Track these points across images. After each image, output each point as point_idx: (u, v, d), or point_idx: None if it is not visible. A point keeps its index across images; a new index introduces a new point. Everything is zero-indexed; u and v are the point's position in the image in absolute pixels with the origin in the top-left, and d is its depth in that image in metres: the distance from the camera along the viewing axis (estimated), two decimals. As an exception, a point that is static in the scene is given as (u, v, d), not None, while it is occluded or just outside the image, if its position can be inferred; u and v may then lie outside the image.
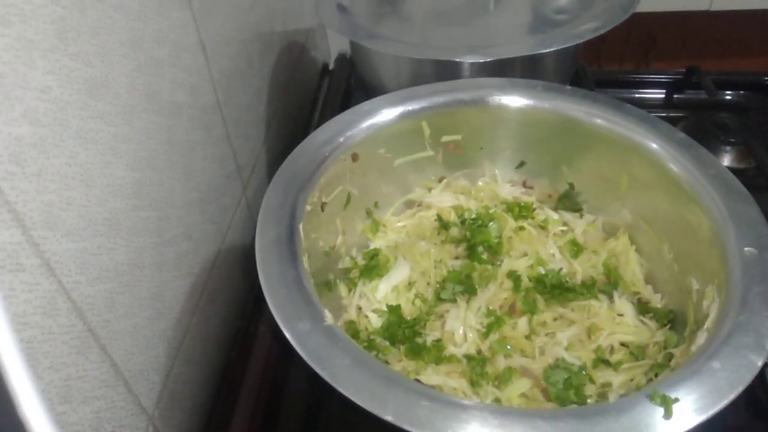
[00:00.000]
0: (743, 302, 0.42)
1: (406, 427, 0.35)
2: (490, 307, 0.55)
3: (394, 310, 0.55)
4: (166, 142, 0.46)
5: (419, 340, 0.53)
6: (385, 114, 0.60)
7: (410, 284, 0.58)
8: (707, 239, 0.49)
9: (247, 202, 0.66)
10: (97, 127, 0.37)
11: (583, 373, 0.49)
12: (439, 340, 0.53)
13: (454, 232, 0.62)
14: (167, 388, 0.47)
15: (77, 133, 0.35)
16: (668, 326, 0.52)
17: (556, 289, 0.55)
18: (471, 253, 0.60)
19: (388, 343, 0.53)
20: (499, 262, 0.59)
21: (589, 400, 0.47)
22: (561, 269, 0.57)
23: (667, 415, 0.36)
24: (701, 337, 0.44)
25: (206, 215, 0.55)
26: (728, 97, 0.86)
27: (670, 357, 0.48)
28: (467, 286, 0.56)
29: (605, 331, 0.52)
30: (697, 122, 0.79)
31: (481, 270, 0.58)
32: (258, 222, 0.48)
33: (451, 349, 0.52)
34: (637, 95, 0.87)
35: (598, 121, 0.59)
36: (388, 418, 0.36)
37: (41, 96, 0.32)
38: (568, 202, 0.65)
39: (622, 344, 0.52)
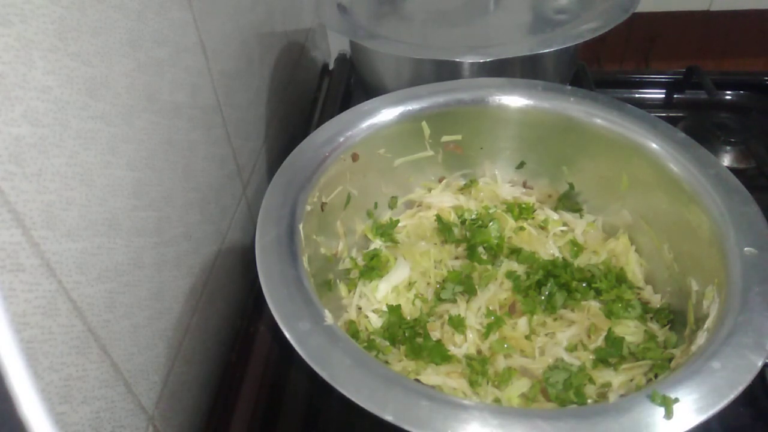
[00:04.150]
0: (743, 302, 0.42)
1: (406, 427, 0.35)
2: (490, 308, 0.55)
3: (394, 310, 0.55)
4: (166, 142, 0.46)
5: (419, 340, 0.53)
6: (385, 114, 0.60)
7: (410, 284, 0.58)
8: (707, 239, 0.49)
9: (247, 202, 0.66)
10: (97, 127, 0.37)
11: (583, 373, 0.49)
12: (439, 341, 0.53)
13: (454, 232, 0.62)
14: (167, 388, 0.47)
15: (77, 133, 0.35)
16: (668, 326, 0.52)
17: (558, 278, 0.55)
18: (471, 253, 0.60)
19: (388, 343, 0.53)
20: (499, 263, 0.59)
21: (589, 400, 0.47)
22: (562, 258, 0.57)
23: (668, 415, 0.36)
24: (701, 337, 0.44)
25: (206, 215, 0.55)
26: (728, 97, 0.86)
27: (670, 357, 0.48)
28: (467, 287, 0.56)
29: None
30: (697, 122, 0.79)
31: (481, 270, 0.58)
32: (258, 222, 0.48)
33: (451, 349, 0.52)
34: (637, 95, 0.88)
35: (598, 121, 0.59)
36: (388, 418, 0.36)
37: (41, 96, 0.32)
38: (568, 202, 0.65)
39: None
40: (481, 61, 0.65)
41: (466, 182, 0.67)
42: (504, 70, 0.65)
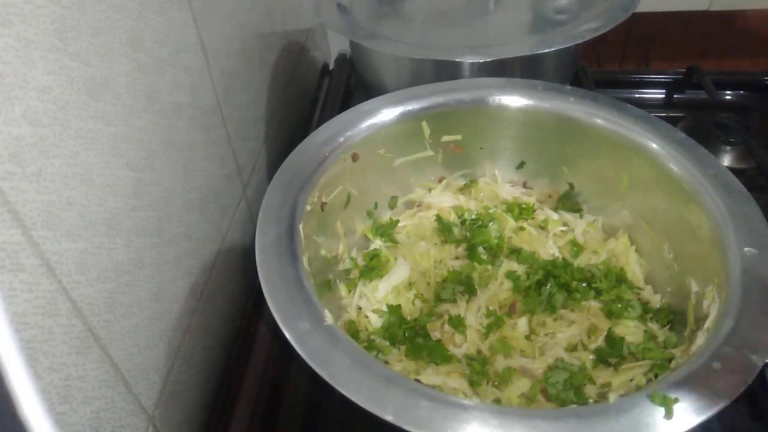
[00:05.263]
0: (743, 302, 0.42)
1: (406, 427, 0.35)
2: (490, 308, 0.55)
3: (394, 310, 0.55)
4: (166, 142, 0.46)
5: (419, 340, 0.53)
6: (385, 114, 0.60)
7: (410, 284, 0.58)
8: (707, 239, 0.49)
9: (247, 202, 0.66)
10: (97, 127, 0.37)
11: (583, 373, 0.49)
12: (439, 341, 0.53)
13: (454, 232, 0.62)
14: (167, 388, 0.47)
15: (77, 133, 0.35)
16: (668, 326, 0.52)
17: (559, 278, 0.55)
18: (471, 253, 0.60)
19: (388, 343, 0.53)
20: (499, 263, 0.59)
21: (589, 400, 0.47)
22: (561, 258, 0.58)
23: (668, 415, 0.36)
24: (701, 337, 0.44)
25: (206, 215, 0.55)
26: (728, 97, 0.86)
27: (670, 357, 0.48)
28: (467, 287, 0.56)
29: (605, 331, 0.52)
30: (697, 122, 0.79)
31: (481, 270, 0.58)
32: (258, 222, 0.48)
33: (451, 349, 0.52)
34: (637, 95, 0.88)
35: (598, 121, 0.59)
36: (388, 418, 0.36)
37: (41, 96, 0.32)
38: (568, 202, 0.65)
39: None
40: (481, 61, 0.65)
41: (466, 182, 0.67)
42: (504, 70, 0.65)
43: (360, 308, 0.56)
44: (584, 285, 0.56)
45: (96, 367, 0.37)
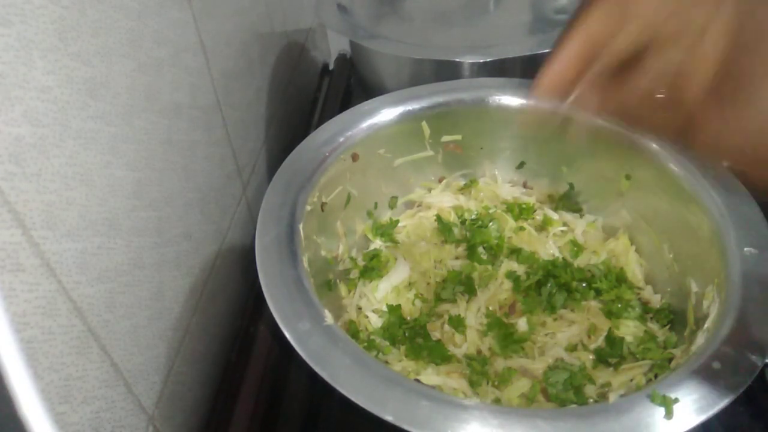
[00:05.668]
0: (743, 302, 0.42)
1: (406, 427, 0.35)
2: (490, 308, 0.55)
3: (394, 310, 0.55)
4: (166, 142, 0.46)
5: (419, 340, 0.53)
6: (385, 114, 0.60)
7: (410, 284, 0.58)
8: (707, 239, 0.49)
9: (247, 202, 0.66)
10: (97, 127, 0.37)
11: (583, 373, 0.49)
12: (439, 341, 0.53)
13: (454, 232, 0.62)
14: (167, 388, 0.47)
15: (77, 133, 0.35)
16: (668, 326, 0.52)
17: (559, 278, 0.55)
18: (471, 253, 0.60)
19: (388, 343, 0.53)
20: (499, 263, 0.59)
21: (589, 400, 0.47)
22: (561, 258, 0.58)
23: (668, 415, 0.36)
24: (701, 337, 0.44)
25: (206, 215, 0.55)
26: (728, 97, 0.86)
27: (670, 357, 0.48)
28: (467, 287, 0.56)
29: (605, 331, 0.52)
30: (697, 122, 0.79)
31: (481, 270, 0.58)
32: (258, 222, 0.48)
33: (451, 349, 0.52)
34: (637, 95, 0.87)
35: (598, 121, 0.59)
36: (388, 418, 0.36)
37: (41, 96, 0.32)
38: (568, 202, 0.65)
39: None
40: (481, 61, 0.65)
41: (466, 182, 0.67)
42: (504, 70, 0.65)
43: (360, 308, 0.56)
44: (584, 285, 0.56)
45: (96, 367, 0.37)
